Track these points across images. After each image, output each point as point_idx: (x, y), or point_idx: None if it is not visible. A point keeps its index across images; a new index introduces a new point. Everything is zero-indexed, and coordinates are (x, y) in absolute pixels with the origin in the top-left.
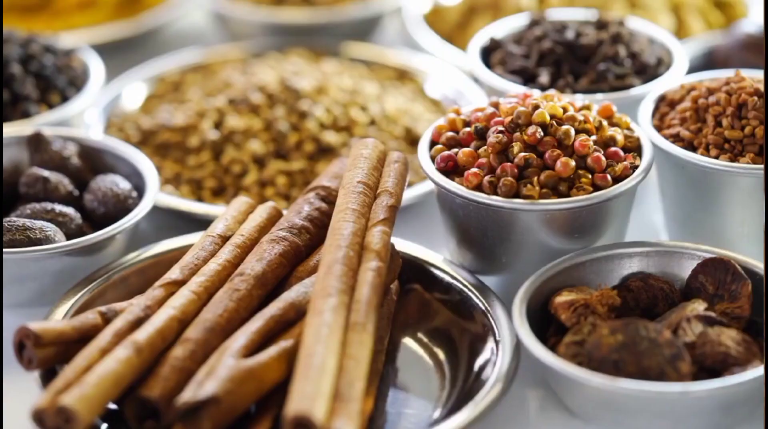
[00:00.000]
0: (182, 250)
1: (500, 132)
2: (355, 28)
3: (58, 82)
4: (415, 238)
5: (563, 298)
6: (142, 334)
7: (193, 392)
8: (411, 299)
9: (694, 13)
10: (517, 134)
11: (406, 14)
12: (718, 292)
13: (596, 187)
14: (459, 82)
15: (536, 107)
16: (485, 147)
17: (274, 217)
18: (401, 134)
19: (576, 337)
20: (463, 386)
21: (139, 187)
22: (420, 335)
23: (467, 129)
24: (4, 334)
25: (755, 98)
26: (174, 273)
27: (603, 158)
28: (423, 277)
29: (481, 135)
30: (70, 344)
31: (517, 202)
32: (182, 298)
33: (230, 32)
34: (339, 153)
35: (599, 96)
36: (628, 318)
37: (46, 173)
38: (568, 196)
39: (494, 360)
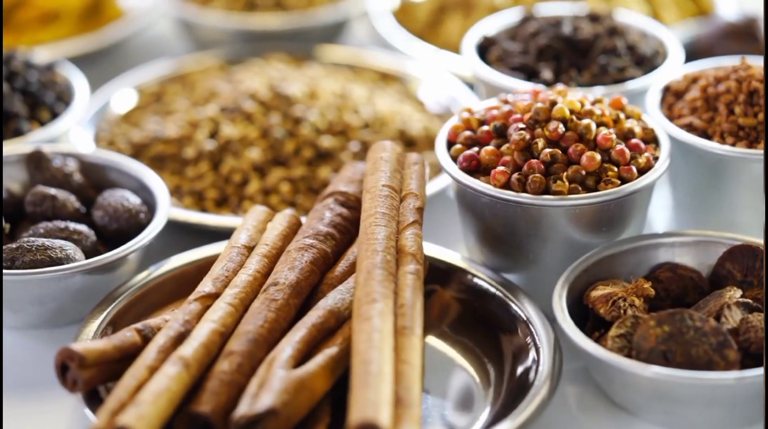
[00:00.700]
0: (199, 264)
1: (522, 129)
2: (327, 31)
3: (46, 98)
4: (426, 239)
5: (599, 292)
6: (188, 349)
7: (249, 406)
8: (434, 301)
9: (667, 4)
10: (539, 131)
11: (375, 15)
12: (747, 279)
13: (622, 180)
14: (443, 81)
15: (554, 103)
16: (507, 145)
17: (295, 225)
18: (395, 136)
19: (621, 330)
20: (507, 388)
21: (147, 201)
22: (449, 336)
23: (485, 128)
24: (23, 355)
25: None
26: (206, 286)
27: (627, 151)
28: (444, 278)
29: (500, 133)
30: (111, 363)
31: (548, 199)
32: (220, 310)
33: (199, 40)
34: (337, 157)
35: (599, 90)
36: (672, 309)
37: (53, 191)
38: (596, 190)
39: (536, 359)
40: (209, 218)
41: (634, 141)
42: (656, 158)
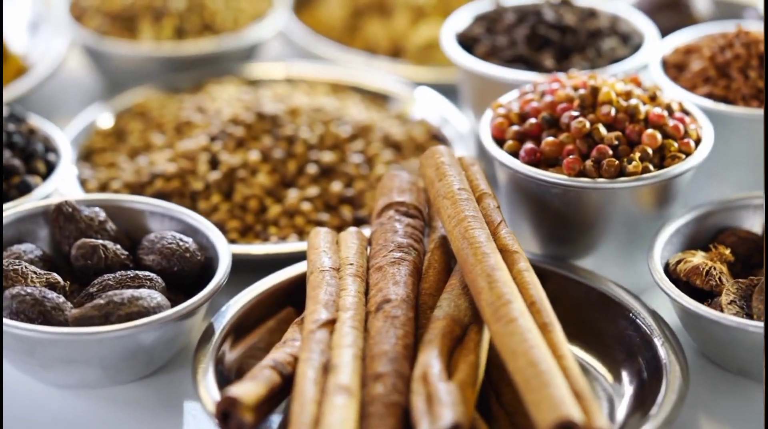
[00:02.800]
0: (269, 292)
1: (576, 117)
2: (254, 50)
3: (37, 149)
4: None
5: (689, 264)
6: (344, 377)
7: (430, 424)
8: None
9: None
10: (592, 116)
11: (292, 28)
12: None
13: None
14: (393, 84)
15: (595, 88)
16: (565, 134)
17: (364, 241)
18: (383, 142)
19: (729, 297)
20: (634, 378)
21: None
22: None
23: (532, 120)
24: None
25: None
26: (322, 313)
27: (681, 125)
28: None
29: (551, 124)
30: (264, 404)
31: (625, 180)
32: (349, 335)
33: (128, 73)
34: (340, 171)
35: (603, 71)
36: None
37: (100, 241)
38: (661, 167)
39: (653, 344)
40: (273, 248)
41: (678, 115)
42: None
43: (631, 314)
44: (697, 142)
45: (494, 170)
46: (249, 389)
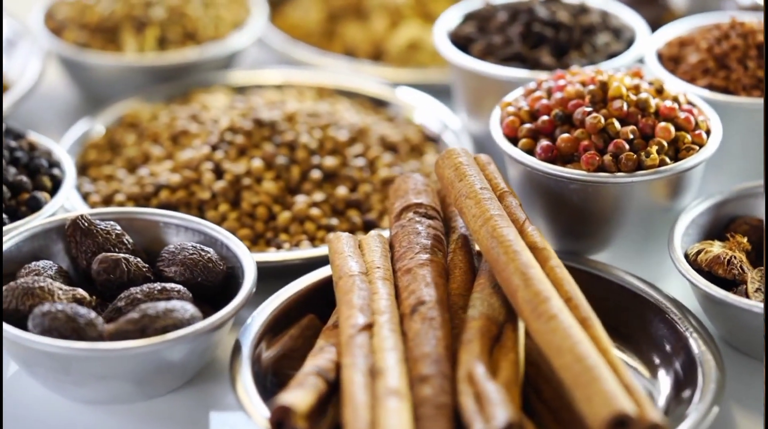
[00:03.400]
0: (286, 305)
1: (590, 113)
2: (233, 58)
3: (41, 164)
4: None
5: (710, 254)
6: (393, 381)
7: (484, 424)
8: None
9: None
10: (604, 111)
11: (269, 34)
12: None
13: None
14: (380, 87)
15: (603, 83)
16: (580, 130)
17: (386, 244)
18: (380, 144)
19: (755, 284)
20: (672, 373)
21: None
22: None
23: (544, 118)
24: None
25: None
26: (359, 318)
27: (692, 117)
28: None
29: (563, 120)
30: (314, 412)
31: (643, 174)
32: (390, 339)
33: (107, 85)
34: (342, 175)
35: (602, 66)
36: None
37: (121, 255)
38: (676, 159)
39: (682, 333)
40: (294, 254)
41: (686, 107)
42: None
43: (657, 307)
44: (707, 133)
45: (504, 168)
46: (301, 397)
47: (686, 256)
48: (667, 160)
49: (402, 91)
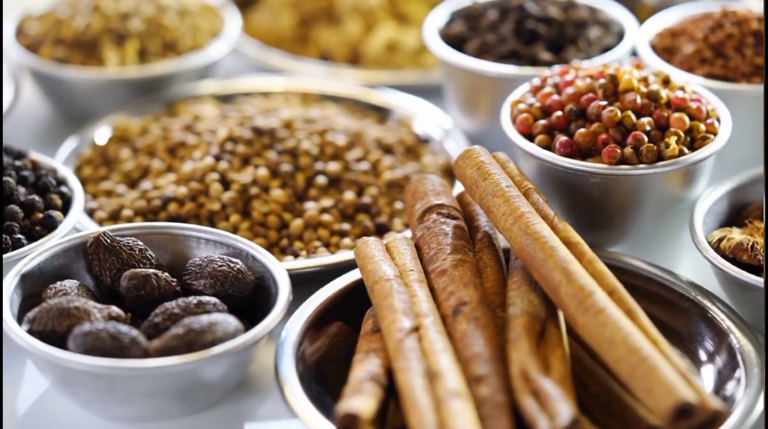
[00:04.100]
0: (318, 313)
1: (605, 106)
2: (212, 67)
3: (49, 182)
4: None
5: (732, 241)
6: (452, 382)
7: (550, 422)
8: None
9: None
10: (618, 104)
11: (242, 42)
12: None
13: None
14: (363, 90)
15: (614, 76)
16: (596, 124)
17: (413, 247)
18: (377, 146)
19: None
20: (712, 364)
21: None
22: None
23: (558, 113)
24: None
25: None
26: (404, 321)
27: (703, 106)
28: None
29: (578, 115)
30: (377, 417)
31: (664, 164)
32: (439, 341)
33: (88, 100)
34: (346, 179)
35: (588, 60)
36: None
37: (150, 270)
38: (693, 148)
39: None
40: (321, 261)
41: (695, 96)
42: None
43: (688, 296)
44: (718, 121)
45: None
46: (364, 403)
47: (708, 244)
48: (686, 149)
49: (387, 93)
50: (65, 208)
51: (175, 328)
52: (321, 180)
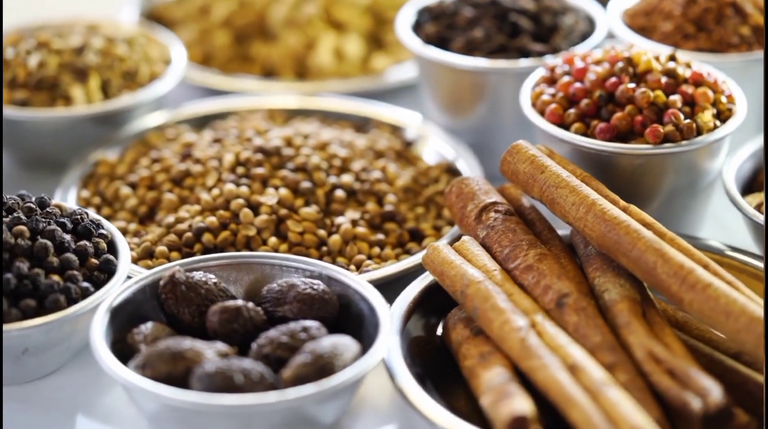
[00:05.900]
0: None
1: (633, 89)
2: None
3: (91, 227)
4: None
5: None
6: (596, 373)
7: (702, 400)
8: None
9: None
10: (643, 85)
11: (186, 70)
12: None
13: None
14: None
15: (629, 60)
16: (630, 106)
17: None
18: (372, 154)
19: None
20: None
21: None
22: None
23: (586, 100)
24: None
25: None
26: (517, 321)
27: (717, 80)
28: None
29: (607, 101)
30: None
31: (704, 138)
32: (560, 334)
33: (55, 140)
34: (362, 190)
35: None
36: None
37: (239, 303)
38: (722, 121)
39: None
40: (390, 270)
41: (704, 70)
42: None
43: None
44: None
45: None
46: (525, 404)
47: None
48: (718, 122)
49: (362, 102)
50: (114, 250)
51: (300, 357)
52: (340, 193)
